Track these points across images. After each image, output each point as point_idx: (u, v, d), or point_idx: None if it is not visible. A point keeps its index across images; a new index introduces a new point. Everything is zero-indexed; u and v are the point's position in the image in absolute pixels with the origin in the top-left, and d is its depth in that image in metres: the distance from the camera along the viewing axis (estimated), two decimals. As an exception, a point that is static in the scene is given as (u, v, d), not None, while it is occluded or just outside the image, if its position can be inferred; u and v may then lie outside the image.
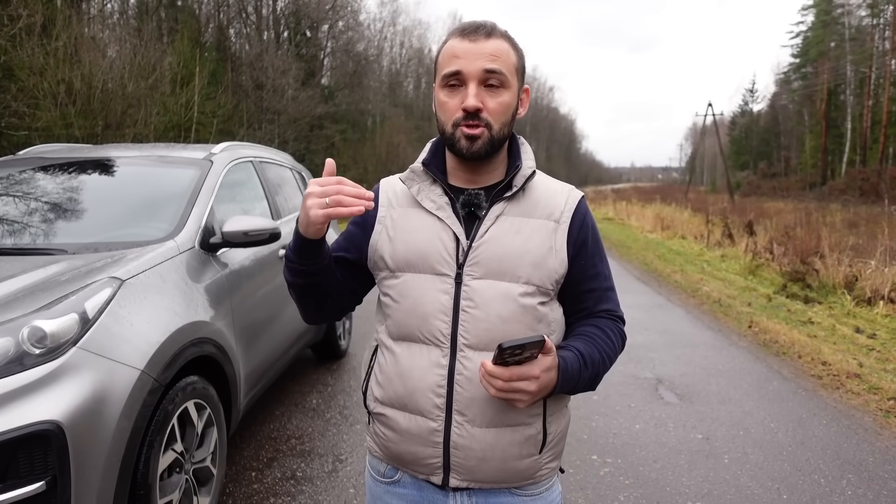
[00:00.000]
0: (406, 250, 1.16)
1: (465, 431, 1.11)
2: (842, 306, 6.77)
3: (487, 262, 1.12)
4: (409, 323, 1.15)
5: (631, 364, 4.80)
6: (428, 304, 1.13)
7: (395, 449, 1.19)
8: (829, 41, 44.49)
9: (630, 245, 13.55)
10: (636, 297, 7.53)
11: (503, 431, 1.12)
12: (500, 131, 1.12)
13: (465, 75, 1.09)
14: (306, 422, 3.65)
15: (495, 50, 1.10)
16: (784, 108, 51.87)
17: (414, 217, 1.18)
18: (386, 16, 40.03)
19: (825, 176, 41.98)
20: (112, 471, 1.88)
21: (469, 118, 1.09)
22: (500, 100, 1.11)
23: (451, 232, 1.14)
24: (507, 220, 1.14)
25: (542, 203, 1.17)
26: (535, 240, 1.14)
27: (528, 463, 1.16)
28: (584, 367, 1.11)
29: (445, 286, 1.13)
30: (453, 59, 1.11)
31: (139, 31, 13.33)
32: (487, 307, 1.11)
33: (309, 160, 19.59)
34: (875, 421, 3.74)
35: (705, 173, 75.04)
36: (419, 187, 1.19)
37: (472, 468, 1.13)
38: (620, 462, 3.19)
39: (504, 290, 1.11)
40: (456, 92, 1.11)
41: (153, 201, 3.00)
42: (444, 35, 1.23)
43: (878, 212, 19.41)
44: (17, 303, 1.92)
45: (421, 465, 1.17)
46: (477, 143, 1.10)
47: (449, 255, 1.13)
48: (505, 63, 1.11)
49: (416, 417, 1.14)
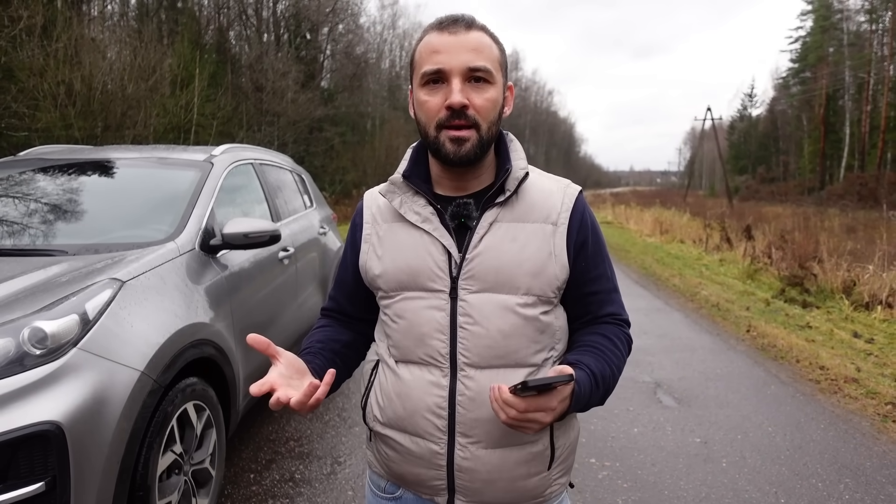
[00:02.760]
0: (396, 269, 1.09)
1: (469, 453, 1.06)
2: (840, 311, 6.78)
3: (484, 274, 1.04)
4: (406, 344, 1.09)
5: (629, 368, 4.80)
6: (423, 323, 1.06)
7: (397, 469, 1.14)
8: (828, 46, 44.60)
9: (629, 249, 13.56)
10: (635, 300, 7.53)
11: (509, 451, 1.07)
12: (488, 131, 1.03)
13: (448, 71, 1.00)
14: (305, 424, 3.65)
15: (478, 43, 1.01)
16: (783, 112, 51.96)
17: (400, 232, 1.10)
18: (386, 19, 40.07)
19: (823, 181, 42.06)
20: (111, 472, 1.88)
21: (454, 117, 1.00)
22: (487, 96, 1.01)
23: (440, 245, 1.06)
24: (501, 228, 1.06)
25: (537, 205, 1.08)
26: (533, 246, 1.05)
27: (536, 481, 1.10)
28: (596, 388, 1.04)
29: (440, 303, 1.05)
30: (433, 54, 1.01)
31: (139, 32, 13.33)
32: (487, 322, 1.04)
33: (308, 162, 19.61)
34: (872, 425, 3.75)
35: (704, 177, 75.15)
36: (401, 199, 1.10)
37: (478, 490, 1.08)
38: (619, 465, 3.19)
39: (503, 302, 1.04)
40: (437, 89, 1.02)
41: (153, 203, 3.01)
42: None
43: (876, 217, 19.46)
44: (18, 303, 1.93)
45: (424, 487, 1.12)
46: (465, 147, 1.01)
47: (441, 270, 1.05)
48: (489, 57, 1.02)
49: (417, 439, 1.09)
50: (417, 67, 1.05)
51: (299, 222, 4.22)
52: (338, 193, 21.20)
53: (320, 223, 4.71)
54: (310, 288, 4.12)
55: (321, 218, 4.82)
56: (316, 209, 4.85)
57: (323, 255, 4.52)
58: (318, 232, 4.53)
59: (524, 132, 63.11)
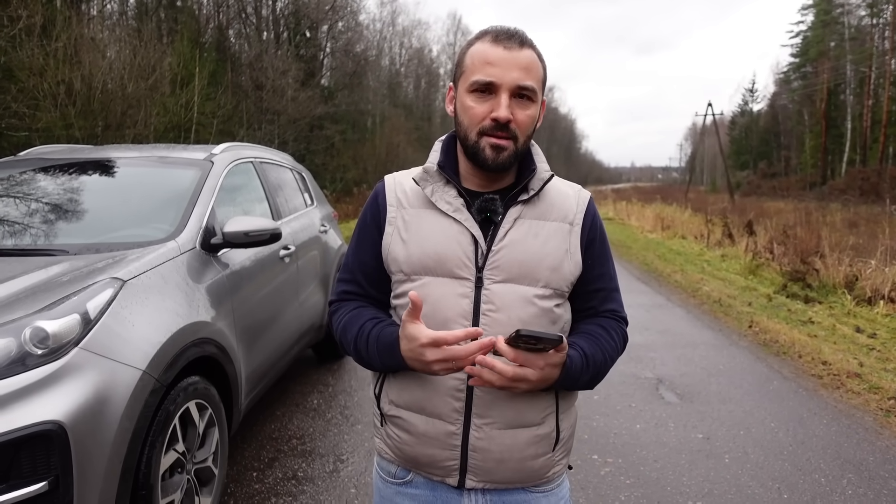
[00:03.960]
0: (422, 254, 1.14)
1: (485, 434, 1.12)
2: (842, 306, 6.77)
3: (508, 265, 1.11)
4: (429, 326, 1.10)
5: (631, 364, 4.80)
6: (447, 308, 1.11)
7: (410, 452, 1.18)
8: (829, 41, 44.51)
9: (630, 245, 13.55)
10: (637, 296, 7.53)
11: (520, 432, 1.14)
12: (524, 144, 1.12)
13: (499, 85, 1.06)
14: (307, 422, 3.65)
15: (529, 62, 1.08)
16: (784, 107, 51.89)
17: (429, 219, 1.16)
18: (385, 16, 39.97)
19: (825, 176, 42.00)
20: (114, 471, 1.89)
21: (498, 129, 1.07)
22: (529, 112, 1.10)
23: (469, 235, 1.13)
24: (524, 224, 1.14)
25: (556, 205, 1.17)
26: (553, 243, 1.14)
27: (542, 461, 1.17)
28: (586, 368, 1.11)
29: (465, 290, 1.11)
30: (486, 65, 1.07)
31: (139, 31, 13.30)
32: (508, 310, 1.10)
33: (309, 160, 19.59)
34: (875, 420, 3.75)
35: (705, 173, 75.03)
36: (433, 188, 1.16)
37: (490, 469, 1.14)
38: (621, 462, 3.19)
39: (523, 293, 1.11)
40: (485, 99, 1.08)
41: (154, 202, 3.01)
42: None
43: (878, 211, 19.44)
44: (19, 303, 1.93)
45: (437, 468, 1.17)
46: (503, 155, 1.09)
47: (468, 259, 1.12)
48: (536, 76, 1.10)
49: (433, 420, 1.14)
50: (468, 73, 1.10)
51: (300, 220, 4.22)
52: (338, 191, 21.18)
53: (321, 221, 4.71)
54: (311, 286, 4.12)
55: (322, 216, 4.82)
56: (317, 207, 4.84)
57: (324, 253, 4.52)
58: (318, 230, 4.53)
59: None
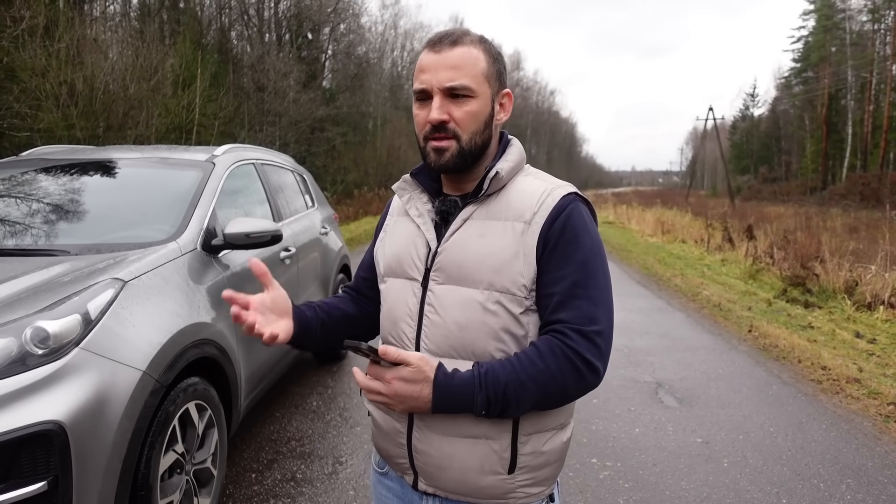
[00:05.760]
0: (390, 256, 1.21)
1: (424, 436, 1.12)
2: (842, 311, 6.77)
3: (449, 267, 1.10)
4: (385, 326, 1.20)
5: (631, 368, 4.81)
6: (398, 308, 1.16)
7: (377, 444, 1.24)
8: (831, 46, 44.54)
9: (630, 249, 13.55)
10: (636, 300, 7.53)
11: (460, 442, 1.09)
12: (470, 141, 1.10)
13: (430, 90, 1.08)
14: (306, 424, 3.65)
15: (459, 60, 1.08)
16: (785, 112, 51.88)
17: (403, 225, 1.22)
18: (387, 18, 39.95)
19: (826, 180, 41.98)
20: (113, 471, 1.89)
21: (435, 130, 1.08)
22: (467, 109, 1.08)
23: (424, 237, 1.15)
24: (473, 224, 1.11)
25: (513, 204, 1.11)
26: (499, 243, 1.08)
27: (493, 481, 1.09)
28: (480, 389, 1.01)
29: (414, 290, 1.14)
30: (420, 73, 1.10)
31: (141, 32, 13.34)
32: (446, 313, 1.09)
33: (310, 162, 19.61)
34: (875, 426, 3.75)
35: (706, 177, 75.05)
36: (409, 196, 1.21)
37: (433, 475, 1.13)
38: (620, 465, 3.19)
39: (465, 296, 1.08)
40: (425, 105, 1.10)
41: (155, 203, 3.01)
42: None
43: (878, 217, 19.41)
44: (20, 303, 1.93)
45: (395, 464, 1.20)
46: (444, 156, 1.09)
47: (419, 261, 1.14)
48: (470, 72, 1.08)
49: (387, 417, 1.18)
50: (413, 83, 1.13)
51: (301, 222, 4.23)
52: (339, 193, 21.19)
53: (322, 223, 4.71)
54: (311, 288, 4.12)
55: (323, 218, 4.83)
56: (317, 209, 4.85)
57: (324, 255, 4.52)
58: (319, 232, 4.54)
59: (525, 132, 63.04)
